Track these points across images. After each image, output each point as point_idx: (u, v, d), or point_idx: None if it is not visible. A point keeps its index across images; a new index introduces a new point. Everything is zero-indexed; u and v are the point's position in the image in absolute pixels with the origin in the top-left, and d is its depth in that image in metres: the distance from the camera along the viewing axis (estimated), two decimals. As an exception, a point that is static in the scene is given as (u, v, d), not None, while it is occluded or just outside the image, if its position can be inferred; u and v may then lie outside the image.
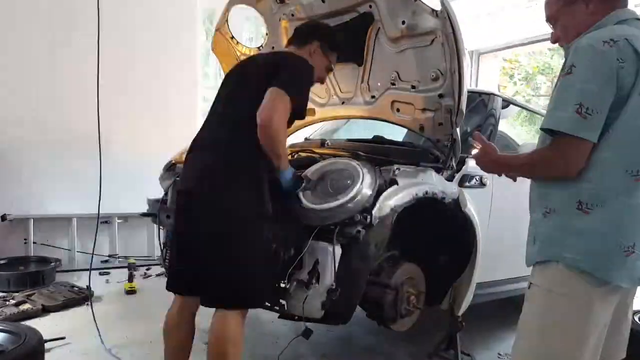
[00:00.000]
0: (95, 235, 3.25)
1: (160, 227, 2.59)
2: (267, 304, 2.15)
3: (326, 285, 1.91)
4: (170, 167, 2.78)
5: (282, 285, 2.03)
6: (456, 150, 2.35)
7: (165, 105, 4.69)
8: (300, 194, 1.99)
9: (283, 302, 2.03)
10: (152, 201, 2.78)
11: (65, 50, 4.13)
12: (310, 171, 2.09)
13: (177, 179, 2.53)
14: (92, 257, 3.19)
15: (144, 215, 2.84)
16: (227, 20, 3.20)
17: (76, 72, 4.14)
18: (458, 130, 2.31)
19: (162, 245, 2.60)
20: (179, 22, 4.71)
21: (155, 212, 2.54)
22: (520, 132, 3.58)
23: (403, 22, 2.37)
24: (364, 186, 1.93)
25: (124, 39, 4.29)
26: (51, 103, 4.14)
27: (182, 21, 4.74)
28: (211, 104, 2.07)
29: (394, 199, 1.97)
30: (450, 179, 2.33)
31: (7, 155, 4.03)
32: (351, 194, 1.91)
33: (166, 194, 2.63)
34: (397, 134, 3.14)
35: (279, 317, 2.18)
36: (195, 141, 2.01)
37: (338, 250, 1.91)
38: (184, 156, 2.79)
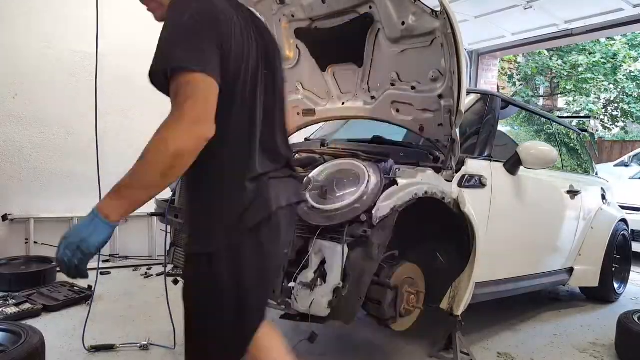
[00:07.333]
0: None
1: (168, 226, 2.59)
2: (273, 302, 2.16)
3: (333, 283, 1.93)
4: None
5: (288, 284, 2.04)
6: (455, 151, 2.36)
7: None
8: (307, 194, 2.00)
9: (289, 300, 2.04)
10: (160, 201, 2.79)
11: (65, 50, 4.14)
12: (316, 172, 2.10)
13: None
14: (100, 256, 3.22)
15: (152, 214, 2.85)
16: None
17: (77, 71, 4.15)
18: (457, 130, 2.33)
19: (170, 245, 2.61)
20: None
21: (163, 211, 2.54)
22: (519, 132, 3.59)
23: (403, 23, 2.37)
24: (370, 187, 1.95)
25: (124, 38, 4.29)
26: (52, 103, 4.15)
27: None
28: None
29: (394, 199, 1.98)
30: (449, 179, 2.34)
31: (7, 155, 4.04)
32: (358, 195, 1.93)
33: (174, 193, 2.64)
34: (396, 134, 3.15)
35: (280, 317, 2.19)
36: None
37: (345, 250, 1.93)
38: None
